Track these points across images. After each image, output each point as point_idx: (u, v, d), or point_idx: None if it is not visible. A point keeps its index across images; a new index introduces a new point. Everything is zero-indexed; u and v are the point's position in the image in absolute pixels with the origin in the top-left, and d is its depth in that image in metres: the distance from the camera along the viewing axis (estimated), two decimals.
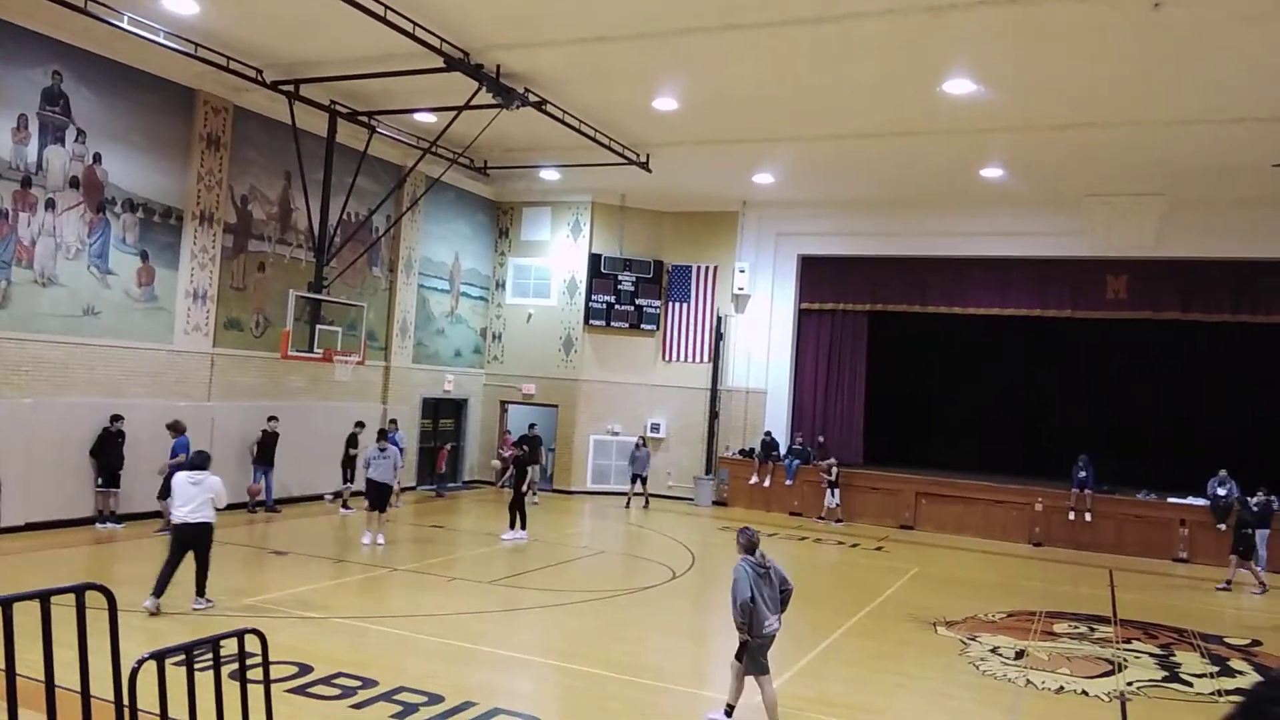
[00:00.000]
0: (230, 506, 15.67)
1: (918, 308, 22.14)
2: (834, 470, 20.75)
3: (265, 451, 16.61)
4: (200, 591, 10.04)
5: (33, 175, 13.43)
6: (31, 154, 13.40)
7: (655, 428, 23.13)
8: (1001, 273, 21.09)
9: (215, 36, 13.90)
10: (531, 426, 21.36)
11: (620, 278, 23.02)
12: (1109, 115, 14.26)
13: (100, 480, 14.17)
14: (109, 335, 14.58)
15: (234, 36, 13.93)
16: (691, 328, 23.26)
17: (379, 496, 14.49)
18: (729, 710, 7.67)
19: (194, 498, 9.90)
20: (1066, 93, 13.47)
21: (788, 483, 21.50)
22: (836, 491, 20.65)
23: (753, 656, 7.51)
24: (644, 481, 21.22)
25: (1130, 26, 11.07)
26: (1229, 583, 15.59)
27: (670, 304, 23.42)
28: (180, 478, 10.08)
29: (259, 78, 15.12)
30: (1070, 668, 10.03)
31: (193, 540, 9.90)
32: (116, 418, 14.25)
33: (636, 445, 21.66)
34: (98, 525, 13.97)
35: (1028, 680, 9.46)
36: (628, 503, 21.15)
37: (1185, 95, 13.20)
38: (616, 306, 23.01)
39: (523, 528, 15.86)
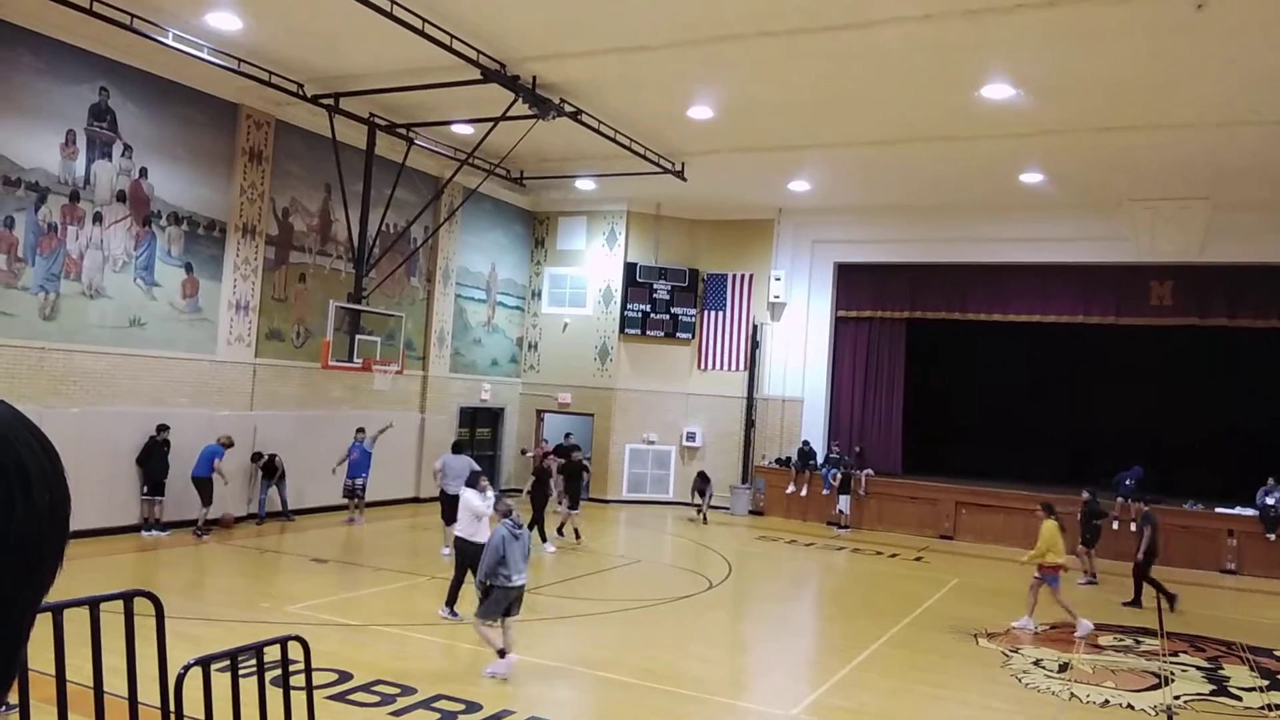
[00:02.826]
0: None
1: (957, 315, 21.91)
2: (838, 476, 20.65)
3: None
4: (448, 601, 10.75)
5: (81, 189, 13.73)
6: (80, 169, 13.70)
7: (691, 436, 23.10)
8: (1043, 279, 20.81)
9: (258, 52, 14.14)
10: (567, 436, 20.95)
11: (655, 286, 23.04)
12: (1151, 118, 14.05)
13: (145, 489, 14.42)
14: (154, 346, 14.84)
15: (276, 51, 14.16)
16: (727, 336, 23.21)
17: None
18: (502, 654, 8.70)
19: (460, 515, 10.80)
20: (1107, 95, 13.30)
21: (825, 492, 21.34)
22: (844, 498, 20.52)
23: (497, 602, 8.66)
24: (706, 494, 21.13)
25: (1172, 28, 10.91)
26: (1094, 576, 15.81)
27: (706, 312, 23.39)
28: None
29: (300, 92, 15.36)
30: (1115, 681, 9.86)
31: (458, 554, 10.75)
32: (163, 427, 14.49)
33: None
34: (143, 533, 14.20)
35: (1072, 694, 9.31)
36: (701, 516, 20.72)
37: (1230, 96, 12.97)
38: (652, 315, 23.03)
39: (543, 540, 15.59)
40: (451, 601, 10.72)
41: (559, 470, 16.98)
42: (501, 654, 8.72)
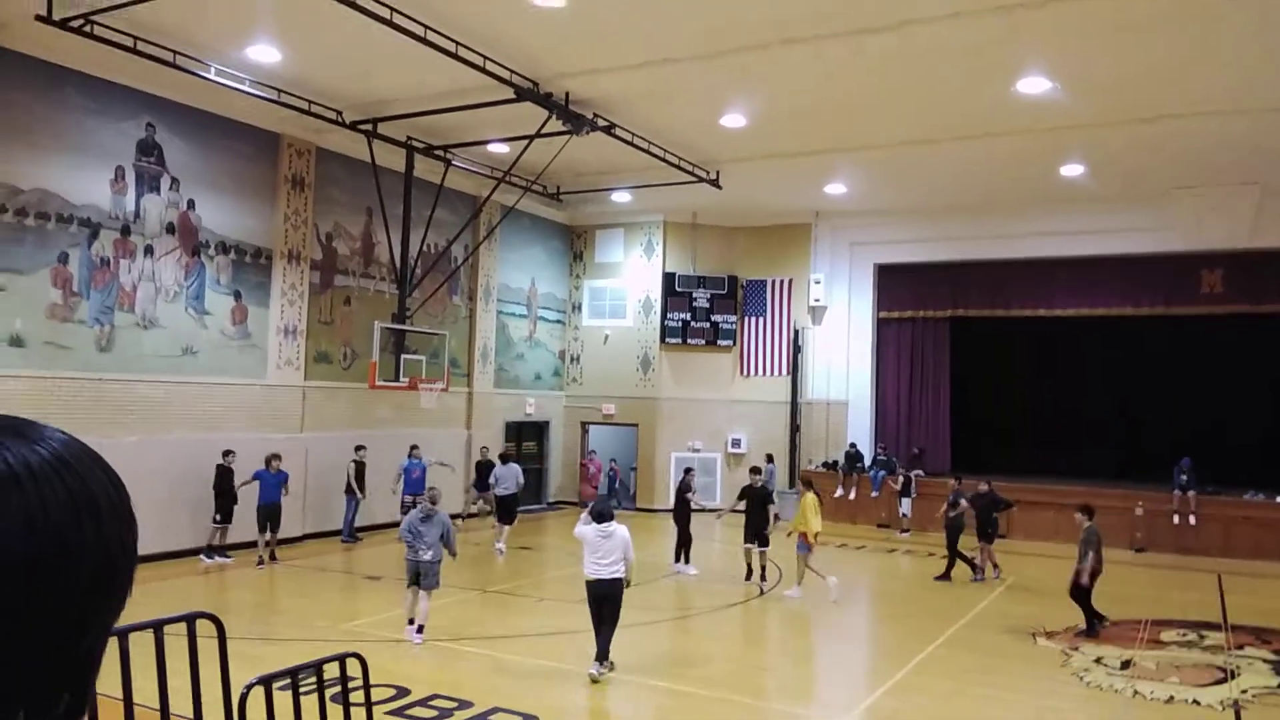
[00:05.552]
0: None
1: (1001, 312, 21.65)
2: (900, 479, 20.46)
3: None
4: (602, 655, 9.04)
5: (131, 223, 14.10)
6: (130, 203, 14.08)
7: (736, 443, 23.03)
8: (1088, 272, 20.49)
9: (296, 82, 14.44)
10: (484, 450, 19.39)
11: (695, 295, 23.06)
12: (1192, 106, 13.80)
13: (218, 516, 14.35)
14: (207, 373, 15.17)
15: (314, 81, 14.44)
16: (768, 342, 23.14)
17: (506, 509, 16.69)
18: (411, 621, 10.14)
19: (598, 555, 9.14)
20: (1145, 85, 13.09)
21: (873, 494, 21.17)
22: (905, 501, 20.30)
23: (409, 569, 10.13)
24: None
25: (1208, 13, 10.73)
26: (990, 570, 15.28)
27: (746, 319, 23.34)
28: (589, 530, 9.24)
29: (339, 119, 15.64)
30: (1180, 676, 9.67)
31: (599, 599, 9.19)
32: (228, 452, 14.54)
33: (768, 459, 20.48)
34: (203, 558, 14.37)
35: (1135, 691, 9.14)
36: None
37: (1271, 80, 12.69)
38: (692, 324, 23.04)
39: (685, 560, 15.15)
40: (597, 654, 9.13)
41: (740, 495, 14.67)
42: (411, 621, 10.03)
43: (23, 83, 12.68)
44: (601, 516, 9.25)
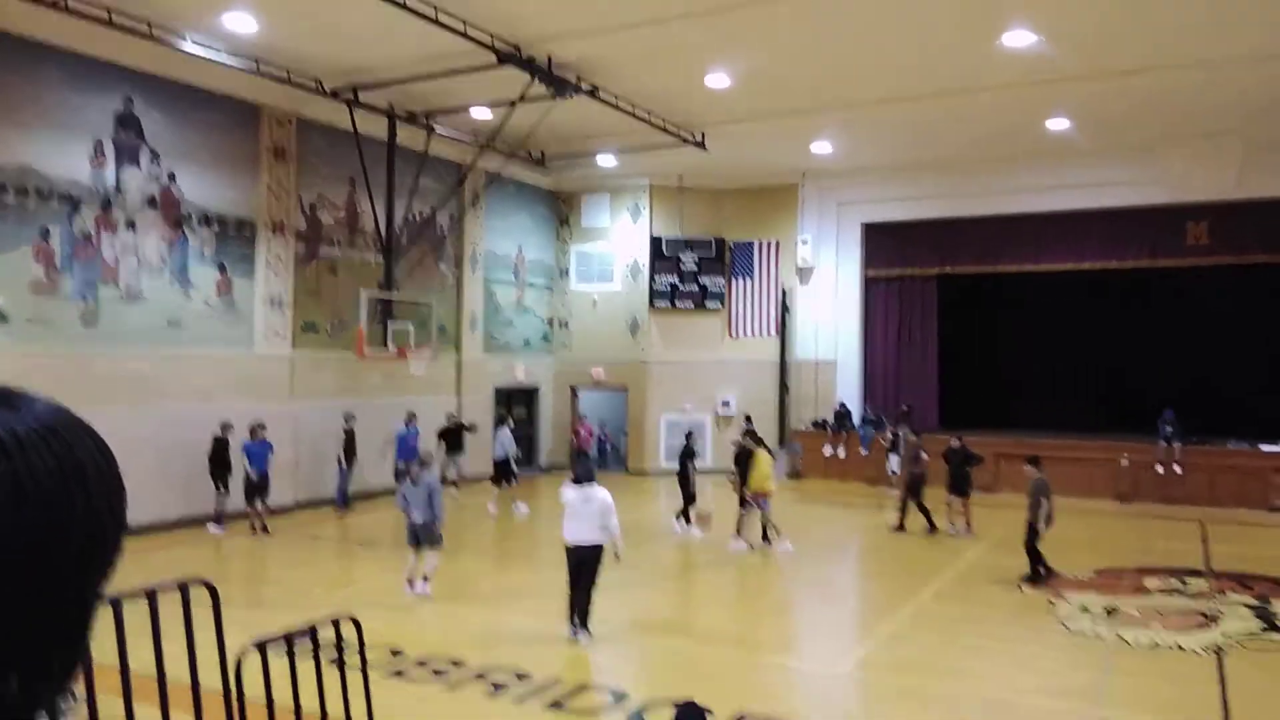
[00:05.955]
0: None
1: (988, 268, 21.71)
2: (889, 437, 20.59)
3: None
4: (582, 621, 8.99)
5: (112, 198, 14.00)
6: (110, 178, 13.97)
7: (726, 404, 23.14)
8: (1074, 226, 20.52)
9: (275, 51, 14.28)
10: (450, 417, 19.29)
11: (682, 258, 23.04)
12: (1177, 57, 13.77)
13: (221, 487, 14.44)
14: (193, 345, 15.14)
15: (293, 50, 14.28)
16: (757, 303, 23.18)
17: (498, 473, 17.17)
18: (410, 581, 10.68)
19: (581, 520, 8.98)
20: (1131, 37, 13.05)
21: (863, 452, 21.34)
22: (894, 458, 20.44)
23: (409, 535, 10.71)
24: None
25: None
26: (968, 525, 15.42)
27: (734, 281, 23.36)
28: (571, 493, 9.14)
29: (319, 88, 15.49)
30: (1163, 623, 9.86)
31: (577, 563, 9.03)
32: (226, 425, 14.57)
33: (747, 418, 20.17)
34: (210, 527, 14.39)
35: (1119, 637, 9.32)
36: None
37: (1259, 30, 12.67)
38: (680, 287, 23.05)
39: (687, 522, 15.16)
40: (576, 618, 9.07)
41: (735, 459, 14.70)
42: (410, 582, 10.57)
43: None
44: (581, 480, 9.17)
